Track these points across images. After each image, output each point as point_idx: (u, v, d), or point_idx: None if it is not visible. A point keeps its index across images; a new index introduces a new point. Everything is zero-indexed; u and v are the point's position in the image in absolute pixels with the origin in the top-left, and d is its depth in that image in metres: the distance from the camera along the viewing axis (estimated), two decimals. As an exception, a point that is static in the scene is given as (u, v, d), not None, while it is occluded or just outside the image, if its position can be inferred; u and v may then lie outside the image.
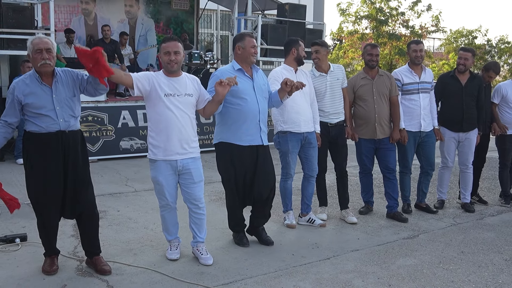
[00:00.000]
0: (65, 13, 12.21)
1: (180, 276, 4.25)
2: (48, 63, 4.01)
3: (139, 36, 13.35)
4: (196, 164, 4.52)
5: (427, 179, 6.46)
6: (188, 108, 4.43)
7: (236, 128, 4.83)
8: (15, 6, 9.33)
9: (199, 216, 4.62)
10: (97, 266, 4.29)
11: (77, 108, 4.21)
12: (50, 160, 4.07)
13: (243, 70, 4.86)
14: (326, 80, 5.75)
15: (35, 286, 4.02)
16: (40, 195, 4.12)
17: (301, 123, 5.43)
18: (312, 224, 5.71)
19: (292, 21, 12.16)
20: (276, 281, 4.25)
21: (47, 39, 4.07)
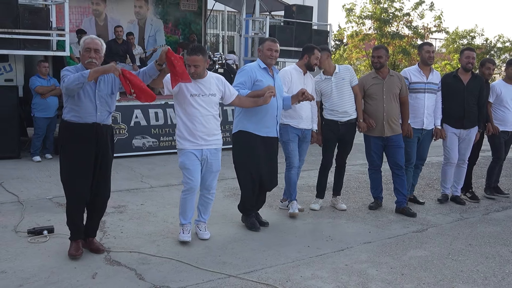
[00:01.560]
0: (76, 14, 12.44)
1: (203, 266, 4.48)
2: (94, 62, 4.40)
3: (149, 37, 13.58)
4: (217, 155, 5.11)
5: (416, 172, 6.85)
6: (211, 106, 4.98)
7: (257, 120, 5.39)
8: (31, 7, 9.55)
9: (208, 201, 5.23)
10: (91, 245, 4.73)
11: (113, 105, 4.64)
12: (83, 147, 4.47)
13: (267, 69, 5.43)
14: (331, 82, 6.09)
15: (67, 274, 4.24)
16: (72, 180, 4.50)
17: (301, 120, 5.94)
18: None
19: (299, 22, 12.37)
20: (295, 270, 4.48)
21: (98, 40, 4.48)
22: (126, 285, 4.07)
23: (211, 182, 5.15)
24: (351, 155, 9.97)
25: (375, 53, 6.21)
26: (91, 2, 12.84)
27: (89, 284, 4.06)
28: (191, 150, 4.93)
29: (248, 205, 5.57)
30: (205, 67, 4.91)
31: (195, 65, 4.80)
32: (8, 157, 8.83)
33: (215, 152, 5.06)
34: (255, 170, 5.42)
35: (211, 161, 5.04)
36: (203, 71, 4.88)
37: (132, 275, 4.26)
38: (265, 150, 5.45)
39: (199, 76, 4.86)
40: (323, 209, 6.35)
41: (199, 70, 4.83)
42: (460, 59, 6.75)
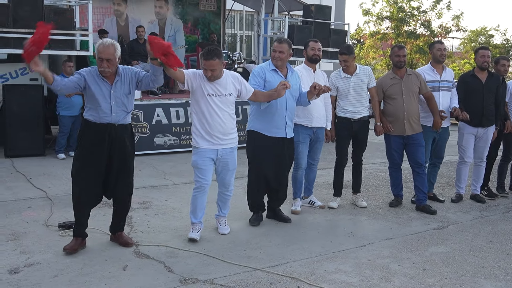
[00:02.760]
0: (98, 14, 12.63)
1: (229, 259, 4.61)
2: (107, 71, 4.48)
3: (168, 37, 13.73)
4: (233, 154, 5.17)
5: (434, 171, 6.90)
6: (227, 106, 5.03)
7: (265, 120, 5.47)
8: (56, 8, 9.77)
9: (226, 197, 5.35)
10: (120, 239, 4.88)
11: (130, 104, 4.71)
12: (97, 146, 4.57)
13: (277, 70, 5.49)
14: (350, 82, 6.17)
15: (99, 266, 4.39)
16: (80, 175, 4.61)
17: (313, 118, 5.96)
18: (313, 206, 6.35)
19: (317, 21, 12.46)
20: (319, 265, 4.59)
21: (112, 47, 4.46)
22: (156, 277, 4.21)
23: (229, 180, 5.25)
24: (370, 154, 10.11)
25: (401, 52, 6.26)
26: (113, 2, 13.03)
27: (120, 276, 4.21)
28: (207, 150, 4.99)
29: (252, 201, 5.71)
30: (222, 69, 4.96)
31: (212, 70, 4.83)
32: (34, 155, 9.04)
33: (231, 151, 5.13)
34: (260, 170, 5.53)
35: (226, 159, 5.11)
36: (220, 73, 4.93)
37: (161, 268, 4.40)
38: (273, 150, 5.50)
39: (215, 79, 4.92)
40: (344, 207, 6.45)
41: (216, 74, 4.88)
42: (475, 58, 6.80)
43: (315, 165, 6.31)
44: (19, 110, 8.87)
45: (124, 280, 4.14)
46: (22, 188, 6.92)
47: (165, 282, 4.12)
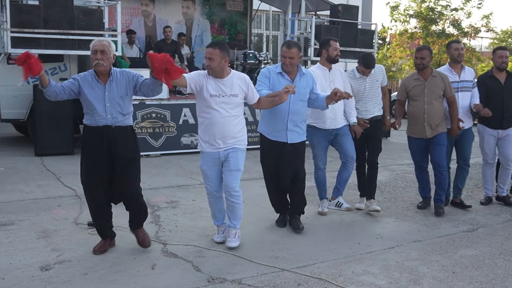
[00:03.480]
0: (126, 15, 12.77)
1: (256, 260, 4.62)
2: (101, 63, 4.40)
3: (195, 37, 13.83)
4: (236, 153, 4.85)
5: (462, 175, 6.61)
6: (232, 107, 4.79)
7: (268, 124, 5.34)
8: (85, 9, 9.93)
9: (233, 204, 4.91)
10: (137, 237, 4.80)
11: (126, 106, 4.59)
12: (96, 150, 4.52)
13: (283, 73, 5.25)
14: (366, 82, 6.03)
15: (128, 264, 4.44)
16: (87, 180, 4.62)
17: (326, 120, 5.79)
18: (340, 208, 6.16)
19: (344, 21, 12.40)
20: (346, 266, 4.57)
21: (106, 41, 4.49)
22: (184, 276, 4.24)
23: (229, 182, 4.84)
24: (397, 155, 10.04)
25: (418, 54, 6.10)
26: (141, 3, 13.17)
27: (149, 275, 4.25)
28: (209, 153, 4.82)
29: (272, 203, 5.64)
30: (221, 63, 4.64)
31: (209, 58, 4.62)
32: (63, 153, 9.18)
33: (233, 151, 4.82)
34: (268, 173, 5.45)
35: (228, 158, 4.82)
36: (218, 66, 4.63)
37: (189, 267, 4.43)
38: (275, 154, 5.33)
39: (214, 71, 4.66)
40: (371, 208, 6.40)
41: (213, 64, 4.61)
42: (493, 59, 6.61)
43: (351, 163, 6.04)
44: (49, 110, 9.00)
45: (152, 278, 4.18)
46: (52, 187, 7.04)
47: (193, 281, 4.15)
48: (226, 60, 4.71)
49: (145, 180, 7.51)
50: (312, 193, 6.64)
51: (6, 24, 8.83)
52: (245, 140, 4.94)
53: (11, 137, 11.05)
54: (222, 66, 4.68)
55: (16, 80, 9.54)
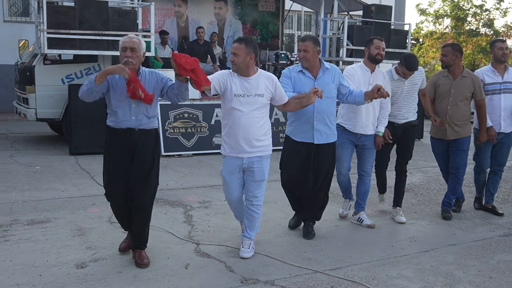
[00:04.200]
0: (159, 16, 12.89)
1: (289, 261, 4.60)
2: (130, 61, 4.20)
3: (227, 37, 13.88)
4: (261, 163, 4.65)
5: (495, 179, 6.41)
6: (257, 108, 4.56)
7: (294, 124, 5.15)
8: (119, 10, 10.03)
9: (252, 213, 4.74)
10: (136, 258, 4.43)
11: (152, 108, 4.38)
12: (118, 153, 4.37)
13: (304, 71, 5.02)
14: (404, 85, 5.73)
15: (161, 263, 4.48)
16: (108, 184, 4.51)
17: (356, 124, 5.50)
18: (361, 224, 5.71)
19: (377, 22, 12.28)
20: (380, 269, 4.52)
21: (136, 38, 4.28)
22: (218, 276, 4.25)
23: (253, 192, 4.69)
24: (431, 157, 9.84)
25: (442, 51, 5.91)
26: (173, 4, 13.28)
27: (183, 274, 4.28)
28: (233, 158, 4.62)
29: (290, 203, 5.45)
30: (246, 59, 4.47)
31: (234, 53, 4.47)
32: (97, 153, 9.28)
33: (258, 160, 4.62)
34: (288, 175, 5.23)
35: (252, 169, 4.62)
36: (242, 62, 4.47)
37: (222, 267, 4.45)
38: (300, 156, 5.11)
39: (238, 68, 4.50)
40: (405, 211, 6.30)
41: (237, 60, 4.46)
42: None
43: (366, 177, 5.72)
44: (84, 109, 9.10)
45: (186, 278, 4.21)
46: (86, 185, 7.14)
47: (227, 282, 4.16)
48: (252, 57, 4.51)
49: (177, 179, 7.61)
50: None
51: (43, 25, 8.98)
52: (270, 145, 4.72)
53: (46, 136, 11.25)
54: (247, 63, 4.50)
55: (51, 81, 9.79)
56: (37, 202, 6.23)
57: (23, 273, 4.19)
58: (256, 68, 4.66)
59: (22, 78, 10.30)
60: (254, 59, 4.55)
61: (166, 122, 9.51)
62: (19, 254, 4.57)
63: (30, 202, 6.17)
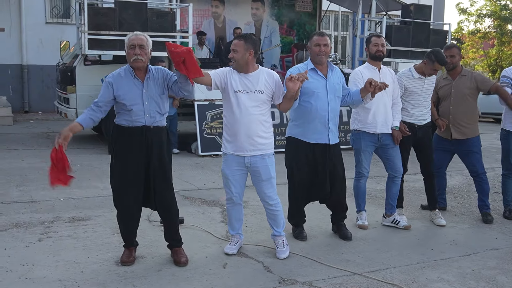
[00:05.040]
0: (196, 17, 12.97)
1: (327, 262, 4.58)
2: (139, 59, 4.17)
3: (264, 38, 13.89)
4: (265, 161, 4.59)
5: None
6: (257, 105, 4.49)
7: (305, 125, 4.96)
8: (158, 11, 10.17)
9: (271, 212, 4.74)
10: (174, 256, 4.47)
11: (164, 106, 4.39)
12: (133, 153, 4.28)
13: (316, 69, 4.91)
14: (424, 84, 5.65)
15: (200, 262, 4.52)
16: (120, 185, 4.36)
17: (377, 124, 5.39)
18: (397, 226, 5.60)
19: (416, 21, 12.11)
20: (420, 272, 4.45)
21: (142, 36, 4.24)
22: (256, 276, 4.26)
23: (265, 192, 4.66)
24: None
25: (447, 52, 5.75)
26: (211, 5, 13.36)
27: (221, 273, 4.30)
28: (233, 157, 4.56)
29: (291, 215, 5.26)
30: (245, 55, 4.39)
31: (233, 49, 4.43)
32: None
33: (261, 159, 4.56)
34: (300, 179, 5.07)
35: (257, 168, 4.58)
36: (241, 58, 4.40)
37: (260, 267, 4.45)
38: (314, 158, 4.99)
39: (238, 64, 4.44)
40: (444, 213, 6.19)
41: (236, 56, 4.39)
42: None
43: (398, 177, 5.58)
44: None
45: (224, 277, 4.23)
46: (126, 184, 7.23)
47: (264, 282, 4.17)
48: (251, 53, 4.43)
49: (215, 179, 7.66)
50: (381, 196, 6.51)
51: (84, 26, 9.17)
52: (271, 143, 4.65)
53: (86, 136, 11.46)
54: (246, 59, 4.42)
55: (92, 81, 9.96)
56: (77, 200, 6.36)
57: (65, 269, 4.28)
58: (257, 65, 4.61)
59: (63, 78, 10.54)
60: (254, 55, 4.48)
61: (204, 122, 9.58)
62: (61, 251, 4.68)
63: (71, 200, 6.30)
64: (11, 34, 14.72)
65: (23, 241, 4.90)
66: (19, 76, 14.93)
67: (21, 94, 14.99)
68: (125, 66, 4.34)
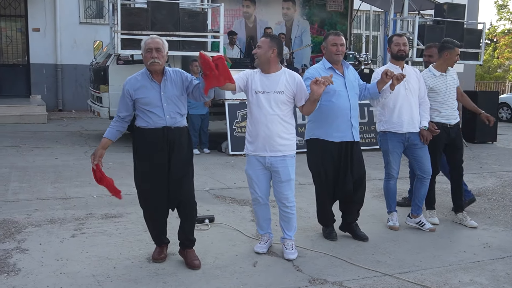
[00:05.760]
0: (227, 17, 13.04)
1: (357, 263, 4.56)
2: (157, 62, 4.19)
3: (295, 37, 13.87)
4: (285, 163, 4.56)
5: None
6: (277, 105, 4.47)
7: (327, 125, 4.91)
8: (190, 11, 10.26)
9: (286, 214, 4.69)
10: (187, 259, 4.43)
11: (184, 106, 4.41)
12: (156, 154, 4.29)
13: (334, 68, 4.91)
14: (446, 80, 5.59)
15: (230, 261, 4.55)
16: (145, 185, 4.38)
17: (403, 123, 5.35)
18: (421, 228, 5.53)
19: (450, 21, 11.96)
20: (452, 274, 4.40)
21: (158, 39, 4.26)
22: (285, 275, 4.27)
23: (283, 193, 4.62)
24: (505, 161, 9.54)
25: (427, 52, 5.72)
26: (242, 5, 13.41)
27: (251, 272, 4.32)
28: (255, 157, 4.58)
29: (322, 216, 5.20)
30: (268, 52, 4.43)
31: (258, 45, 4.50)
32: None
33: (282, 160, 4.53)
34: (327, 179, 5.01)
35: (277, 169, 4.55)
36: (264, 55, 4.43)
37: (290, 266, 4.46)
38: (339, 156, 4.96)
39: (260, 61, 4.48)
40: (478, 215, 6.11)
41: (260, 52, 4.44)
42: None
43: (426, 178, 5.48)
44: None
45: (254, 276, 4.24)
46: (157, 182, 7.31)
47: (294, 281, 4.17)
48: (274, 51, 4.45)
49: (245, 178, 7.59)
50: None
51: (117, 26, 9.30)
52: (293, 144, 4.62)
53: (118, 134, 11.59)
54: (269, 57, 4.45)
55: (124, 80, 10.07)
56: (110, 197, 6.39)
57: (98, 265, 4.36)
58: (280, 65, 4.61)
59: (96, 77, 10.71)
60: (277, 55, 4.50)
61: (234, 122, 9.62)
62: (94, 247, 4.76)
63: (104, 197, 6.40)
64: (46, 34, 15.01)
65: (57, 236, 5.00)
66: (54, 75, 15.22)
67: (55, 93, 15.28)
68: (141, 70, 4.36)
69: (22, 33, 15.02)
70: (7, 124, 12.38)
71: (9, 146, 9.65)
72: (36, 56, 14.99)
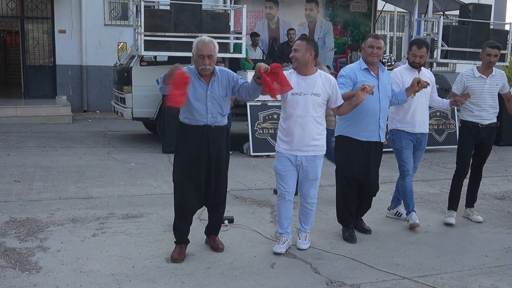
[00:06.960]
0: (250, 18, 13.04)
1: (376, 265, 4.53)
2: (208, 68, 4.36)
3: (318, 39, 13.79)
4: (314, 163, 4.72)
5: None
6: (313, 107, 4.61)
7: (356, 123, 5.04)
8: (213, 13, 10.30)
9: (306, 210, 4.90)
10: (212, 243, 4.79)
11: (226, 107, 4.56)
12: (195, 149, 4.46)
13: (369, 69, 5.03)
14: (485, 84, 5.66)
15: (248, 262, 4.55)
16: (182, 179, 4.51)
17: (416, 124, 5.52)
18: (399, 218, 5.84)
19: (475, 21, 11.79)
20: (473, 279, 4.34)
21: (211, 44, 4.36)
22: (303, 277, 4.26)
23: (307, 191, 4.81)
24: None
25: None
26: (265, 6, 13.40)
27: (268, 273, 4.32)
28: (286, 154, 4.69)
29: (342, 215, 5.24)
30: (305, 54, 4.55)
31: (295, 49, 4.60)
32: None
33: (312, 159, 4.70)
34: (351, 176, 5.11)
35: (306, 168, 4.70)
36: (302, 57, 4.56)
37: (308, 268, 4.45)
38: (365, 155, 5.09)
39: (298, 63, 4.60)
40: (501, 219, 6.02)
41: (297, 55, 4.56)
42: None
43: (411, 175, 5.70)
44: (176, 109, 9.41)
45: (272, 277, 4.25)
46: (178, 183, 7.36)
47: (312, 283, 4.16)
48: (312, 54, 4.59)
49: (265, 180, 7.69)
50: (434, 200, 6.38)
51: (140, 28, 9.38)
52: (324, 145, 4.77)
53: (141, 135, 11.72)
54: (306, 59, 4.58)
55: (147, 81, 10.19)
56: (131, 197, 6.52)
57: (117, 264, 4.40)
58: (315, 68, 4.72)
59: (120, 78, 10.81)
60: (314, 57, 4.63)
61: (256, 123, 9.63)
62: (114, 246, 4.81)
63: (125, 197, 6.47)
64: (72, 36, 15.20)
65: (78, 235, 5.07)
66: (79, 76, 15.41)
67: (80, 94, 15.46)
68: (191, 66, 4.49)
69: (49, 35, 15.23)
70: (33, 124, 12.57)
71: (34, 146, 9.80)
72: (62, 58, 15.18)
